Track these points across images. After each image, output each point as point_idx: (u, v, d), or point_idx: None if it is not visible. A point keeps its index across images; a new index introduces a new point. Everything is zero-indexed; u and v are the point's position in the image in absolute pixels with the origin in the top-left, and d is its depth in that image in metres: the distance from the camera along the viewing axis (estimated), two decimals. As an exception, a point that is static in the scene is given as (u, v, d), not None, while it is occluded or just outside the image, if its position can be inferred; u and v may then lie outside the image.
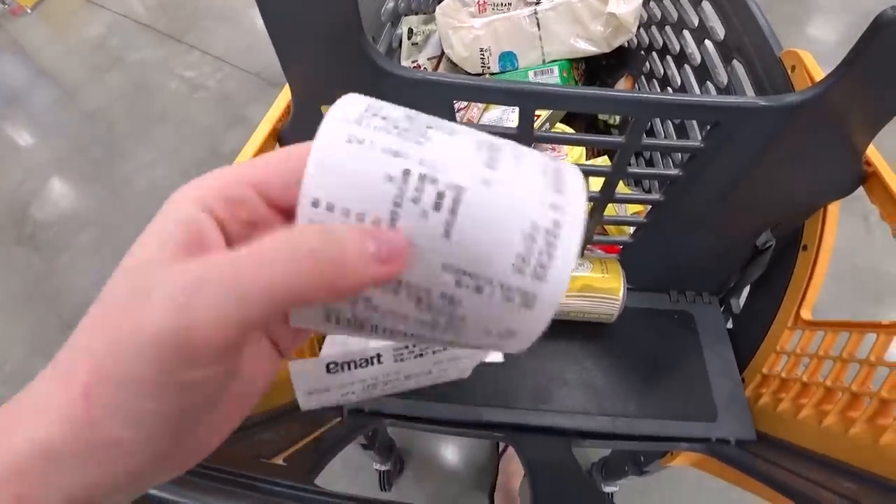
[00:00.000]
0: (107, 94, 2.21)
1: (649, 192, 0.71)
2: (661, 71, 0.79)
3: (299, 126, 0.41)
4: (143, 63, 2.32)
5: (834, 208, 0.47)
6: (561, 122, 0.79)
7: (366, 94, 0.17)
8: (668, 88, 0.77)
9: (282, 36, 0.34)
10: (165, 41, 2.41)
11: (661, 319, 0.54)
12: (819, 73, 0.48)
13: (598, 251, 0.59)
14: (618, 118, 0.78)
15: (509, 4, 0.68)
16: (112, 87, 2.23)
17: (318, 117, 0.15)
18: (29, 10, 2.88)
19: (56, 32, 2.72)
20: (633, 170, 0.39)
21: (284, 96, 0.43)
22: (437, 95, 0.36)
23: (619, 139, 0.36)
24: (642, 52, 0.85)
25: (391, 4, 0.64)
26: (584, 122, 0.84)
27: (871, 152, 0.43)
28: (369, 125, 0.15)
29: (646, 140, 0.35)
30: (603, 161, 0.76)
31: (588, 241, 0.48)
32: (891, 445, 0.35)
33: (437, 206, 0.14)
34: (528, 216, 0.15)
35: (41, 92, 2.36)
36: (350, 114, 0.16)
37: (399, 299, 0.16)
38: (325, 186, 0.15)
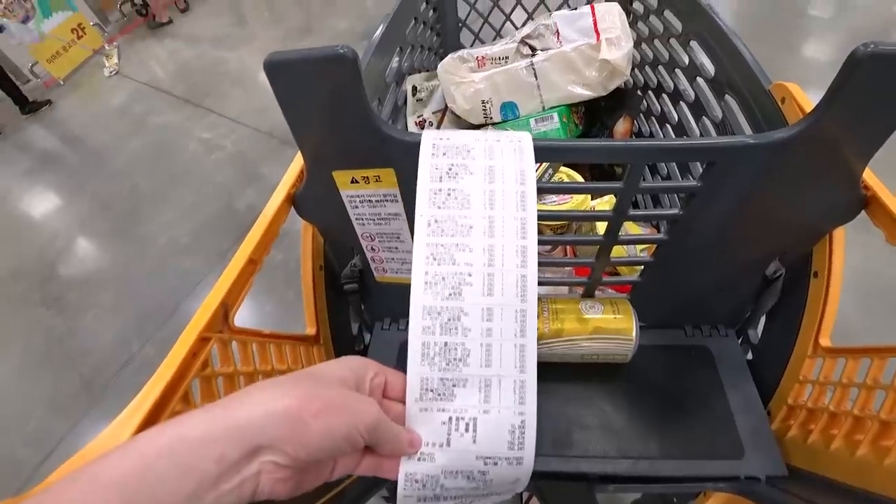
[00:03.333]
0: (130, 156, 2.33)
1: (658, 227, 0.72)
2: (659, 109, 0.81)
3: (312, 191, 0.44)
4: (164, 127, 2.45)
5: (840, 234, 0.47)
6: (566, 164, 0.81)
7: (372, 157, 0.26)
8: (667, 125, 0.79)
9: (291, 108, 0.36)
10: (184, 106, 2.56)
11: (677, 356, 0.53)
12: (808, 103, 0.50)
13: (610, 291, 0.60)
14: (619, 156, 0.80)
15: (507, 58, 0.71)
16: (135, 150, 2.36)
17: (330, 182, 0.17)
18: (62, 82, 3.09)
19: (84, 101, 2.91)
20: (633, 212, 0.40)
21: (297, 162, 0.46)
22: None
23: (618, 185, 0.37)
24: (638, 93, 0.88)
25: (395, 66, 0.68)
26: (585, 165, 0.86)
27: (869, 176, 0.43)
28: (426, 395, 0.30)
29: (644, 184, 0.37)
30: (609, 201, 0.77)
31: (598, 283, 0.49)
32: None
33: (467, 429, 0.30)
34: (509, 421, 0.30)
35: (70, 156, 2.50)
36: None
37: (457, 480, 0.30)
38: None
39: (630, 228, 0.68)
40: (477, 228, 0.31)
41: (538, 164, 0.61)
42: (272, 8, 3.53)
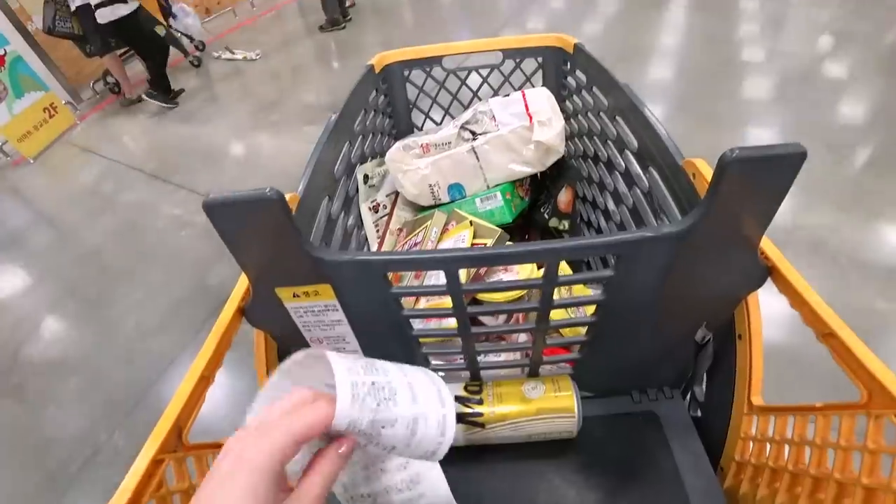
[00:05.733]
0: (99, 236, 2.32)
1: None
2: (598, 176, 0.87)
3: (260, 304, 0.47)
4: (134, 204, 2.46)
5: (754, 298, 0.52)
6: (515, 229, 0.86)
7: (309, 276, 0.34)
8: (606, 191, 0.85)
9: (230, 240, 0.39)
10: (155, 182, 2.58)
11: (625, 423, 0.56)
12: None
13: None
14: (566, 223, 0.85)
15: (449, 143, 0.77)
16: (104, 229, 2.35)
17: (275, 297, 0.20)
18: (31, 161, 3.10)
19: (54, 180, 2.91)
20: (557, 300, 0.44)
21: (244, 277, 0.49)
22: (371, 271, 0.41)
23: (538, 280, 0.41)
24: (575, 163, 0.94)
25: (343, 165, 0.72)
26: (536, 230, 0.91)
27: (769, 247, 0.48)
28: (359, 392, 0.31)
29: (562, 277, 0.41)
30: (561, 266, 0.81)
31: (539, 363, 0.52)
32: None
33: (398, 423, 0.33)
34: (435, 414, 0.34)
35: (38, 236, 2.47)
36: (351, 378, 0.31)
37: (396, 432, 0.33)
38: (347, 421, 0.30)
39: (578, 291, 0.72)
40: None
41: (482, 246, 0.66)
42: (243, 83, 3.66)
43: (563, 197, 0.84)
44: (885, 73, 2.73)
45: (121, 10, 2.96)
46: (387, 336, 0.52)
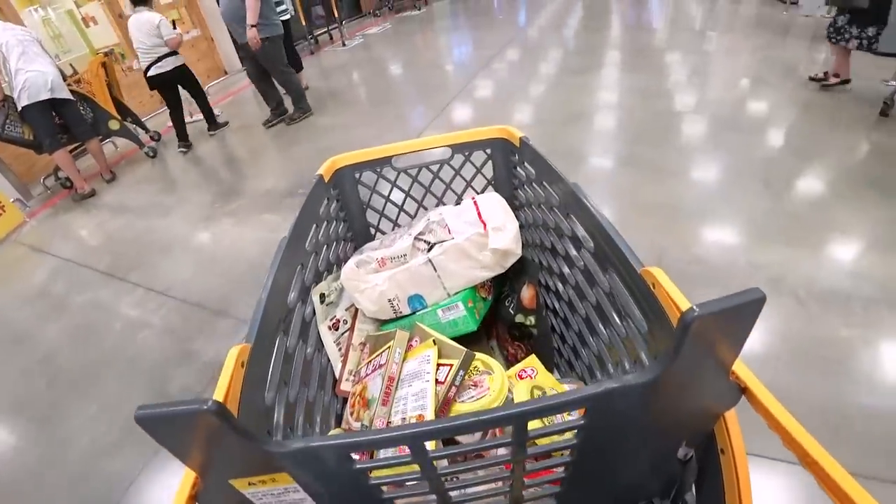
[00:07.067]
0: (49, 343, 2.17)
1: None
2: (558, 269, 0.87)
3: (213, 492, 0.42)
4: (88, 306, 2.33)
5: (732, 414, 0.50)
6: (483, 322, 0.84)
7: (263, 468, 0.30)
8: (568, 285, 0.84)
9: (173, 447, 0.36)
10: (109, 281, 2.46)
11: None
12: (674, 290, 0.55)
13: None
14: (532, 319, 0.84)
15: (405, 255, 0.76)
16: (55, 334, 2.21)
17: (229, 486, 0.16)
18: (-25, 264, 2.92)
19: (1, 283, 2.75)
20: (532, 449, 0.42)
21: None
22: (329, 455, 0.38)
23: (506, 452, 0.39)
24: (537, 252, 0.94)
25: (296, 292, 0.70)
26: (504, 324, 0.90)
27: (741, 370, 0.47)
28: None
29: (531, 450, 0.39)
30: (530, 360, 0.79)
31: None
32: None
33: None
34: None
35: (-19, 349, 2.29)
36: None
37: None
38: None
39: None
40: None
41: (448, 369, 0.63)
42: (201, 172, 3.64)
43: (526, 293, 0.83)
44: (801, 108, 2.98)
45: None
46: (357, 501, 0.48)
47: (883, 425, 1.25)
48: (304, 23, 6.61)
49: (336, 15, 6.80)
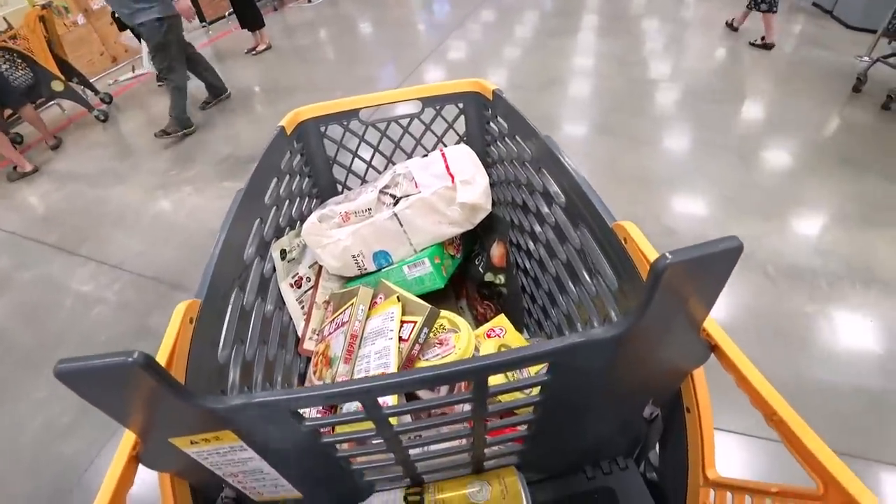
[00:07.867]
0: (-5, 324, 2.03)
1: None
2: (529, 226, 0.85)
3: (155, 452, 0.39)
4: (36, 282, 2.17)
5: (700, 372, 0.49)
6: (452, 281, 0.81)
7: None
8: (539, 243, 0.82)
9: (103, 405, 0.33)
10: (58, 255, 2.30)
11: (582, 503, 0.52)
12: (645, 244, 0.54)
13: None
14: (502, 277, 0.82)
15: (370, 210, 0.72)
16: (2, 313, 2.07)
17: (171, 445, 0.13)
18: (-89, 244, 2.70)
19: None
20: (493, 407, 0.39)
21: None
22: (277, 410, 0.35)
23: (468, 409, 0.36)
24: (507, 210, 0.91)
25: (254, 247, 0.65)
26: (473, 283, 0.88)
27: (711, 327, 0.46)
28: None
29: (492, 407, 0.36)
30: (499, 320, 0.77)
31: (482, 457, 0.47)
32: None
33: None
34: None
35: (-80, 329, 2.14)
36: None
37: None
38: None
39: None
40: None
41: (412, 326, 0.60)
42: (156, 137, 3.41)
43: (496, 251, 0.81)
44: (780, 81, 3.01)
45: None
46: (310, 463, 0.45)
47: (839, 401, 1.30)
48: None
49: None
